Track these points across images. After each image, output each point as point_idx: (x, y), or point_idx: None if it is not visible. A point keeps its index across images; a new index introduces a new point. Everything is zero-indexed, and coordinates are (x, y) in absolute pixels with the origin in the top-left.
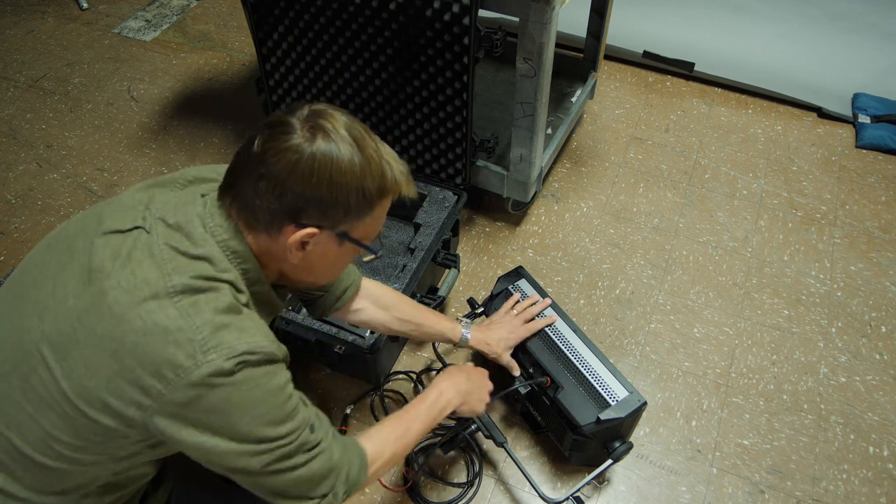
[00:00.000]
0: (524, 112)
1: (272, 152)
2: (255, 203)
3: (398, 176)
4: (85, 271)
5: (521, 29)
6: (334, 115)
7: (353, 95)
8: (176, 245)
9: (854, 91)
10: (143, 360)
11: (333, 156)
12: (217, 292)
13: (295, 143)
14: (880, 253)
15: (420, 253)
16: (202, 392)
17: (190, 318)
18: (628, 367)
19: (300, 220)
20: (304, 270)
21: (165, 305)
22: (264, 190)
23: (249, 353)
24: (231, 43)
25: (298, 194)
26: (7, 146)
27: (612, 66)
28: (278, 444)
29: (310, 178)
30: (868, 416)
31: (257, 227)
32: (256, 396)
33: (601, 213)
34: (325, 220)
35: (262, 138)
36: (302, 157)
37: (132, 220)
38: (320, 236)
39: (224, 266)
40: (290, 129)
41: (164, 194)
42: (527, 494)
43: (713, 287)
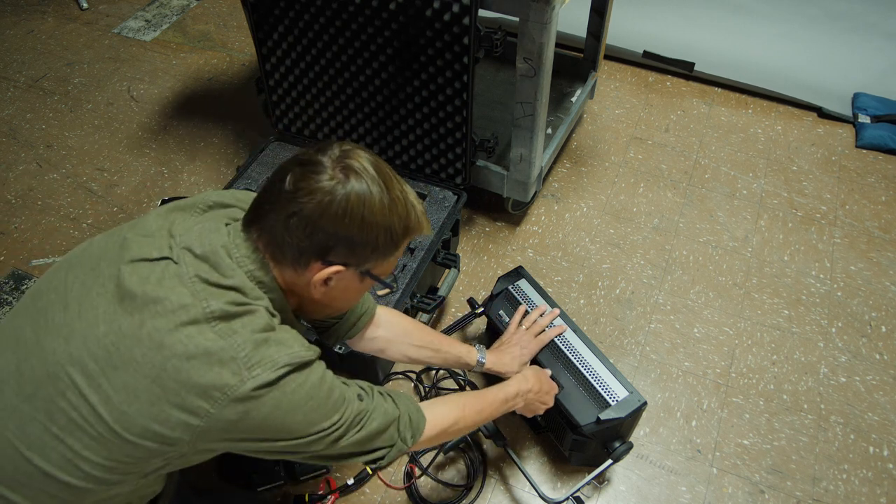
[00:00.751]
0: (524, 112)
1: (304, 192)
2: (285, 239)
3: (421, 217)
4: (116, 296)
5: (521, 29)
6: (363, 155)
7: (353, 95)
8: (206, 276)
9: (854, 91)
10: (188, 383)
11: (365, 197)
12: (252, 315)
13: (328, 185)
14: (880, 253)
15: (420, 253)
16: (251, 406)
17: (229, 339)
18: (628, 367)
19: (328, 257)
20: (324, 304)
21: (204, 330)
22: (295, 227)
23: (291, 362)
24: (231, 43)
25: (330, 234)
26: (7, 146)
27: (612, 65)
28: (332, 428)
29: (342, 218)
30: (868, 416)
31: (283, 262)
32: (302, 397)
33: (601, 212)
34: (352, 258)
35: (294, 176)
36: (335, 198)
37: (159, 250)
38: (345, 273)
39: (255, 294)
40: (322, 169)
41: (186, 220)
42: (527, 494)
43: (713, 287)
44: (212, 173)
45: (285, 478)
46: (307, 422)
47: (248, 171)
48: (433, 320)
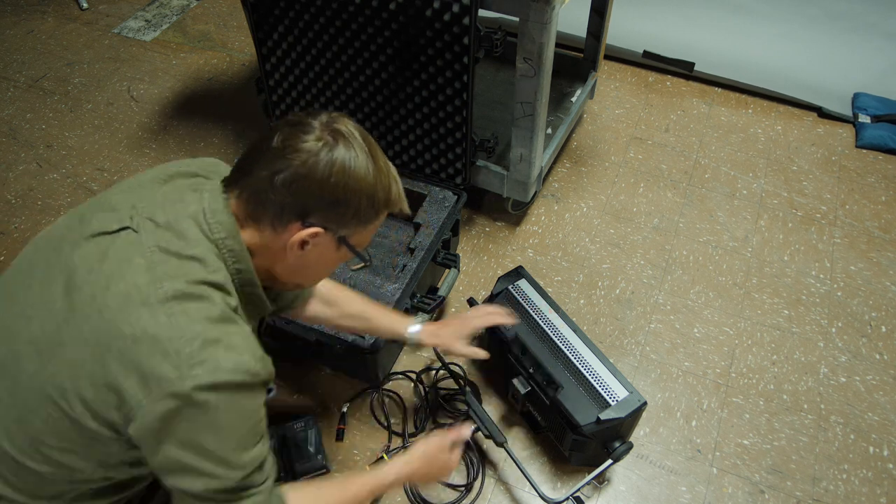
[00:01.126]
0: (524, 112)
1: (292, 149)
2: (268, 196)
3: (402, 192)
4: (71, 274)
5: (521, 29)
6: (351, 122)
7: (353, 95)
8: (167, 245)
9: (854, 91)
10: (129, 366)
11: (351, 161)
12: (208, 301)
13: (316, 146)
14: (880, 253)
15: (420, 253)
16: (181, 405)
17: (180, 329)
18: (628, 367)
19: (308, 218)
20: (297, 270)
21: (156, 312)
22: (279, 184)
23: (234, 371)
24: (231, 43)
25: (313, 193)
26: (7, 146)
27: (612, 65)
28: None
29: (327, 179)
30: (868, 416)
31: (262, 220)
32: (230, 419)
33: (601, 212)
34: (331, 222)
35: (283, 135)
36: (321, 158)
37: (119, 221)
38: (323, 237)
39: (215, 266)
40: (311, 130)
41: (149, 192)
42: (527, 494)
43: (713, 287)
44: None
45: (285, 478)
46: (221, 445)
47: None
48: (433, 320)
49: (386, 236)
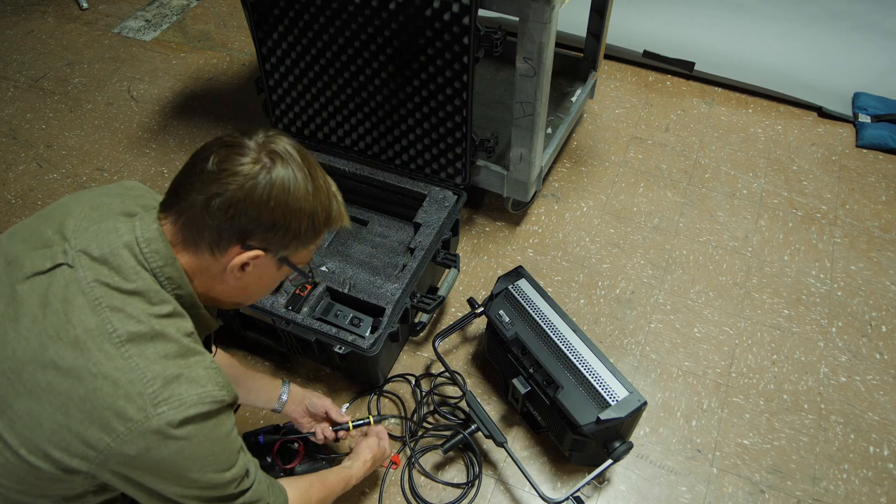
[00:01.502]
0: (524, 112)
1: (228, 173)
2: (205, 221)
3: (342, 208)
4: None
5: (521, 28)
6: (287, 140)
7: (352, 95)
8: (106, 281)
9: (854, 90)
10: (92, 413)
11: (290, 183)
12: (163, 339)
13: (254, 168)
14: (881, 252)
15: (420, 253)
16: (152, 444)
17: (140, 371)
18: (628, 367)
19: (248, 241)
20: (237, 292)
21: (113, 358)
22: (216, 209)
23: (199, 403)
24: (231, 43)
25: (252, 217)
26: (7, 146)
27: (612, 65)
28: (221, 490)
29: (266, 202)
30: (868, 416)
31: (200, 245)
32: (206, 448)
33: (601, 212)
34: (272, 243)
35: (218, 157)
36: (259, 182)
37: (52, 258)
38: (263, 259)
39: (159, 298)
40: (247, 152)
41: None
42: (527, 494)
43: (713, 286)
44: None
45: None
46: (203, 472)
47: None
48: (433, 320)
49: (386, 236)
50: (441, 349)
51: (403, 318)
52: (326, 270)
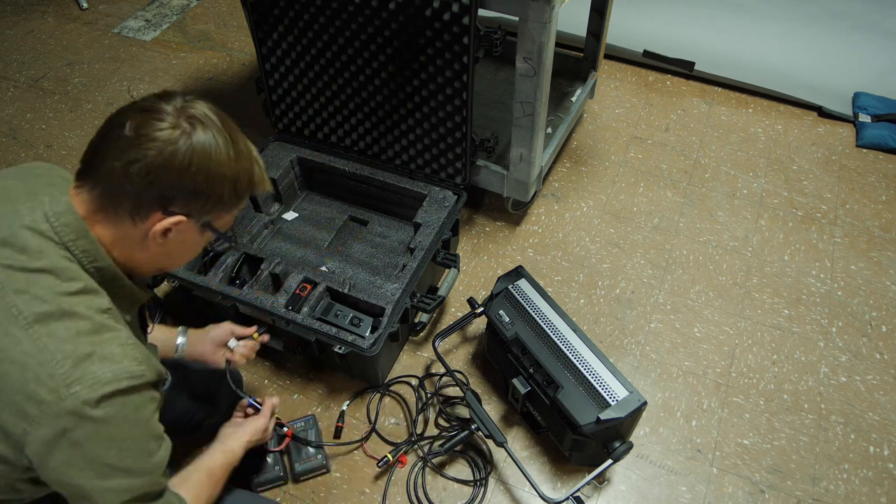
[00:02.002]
0: (524, 111)
1: (147, 139)
2: (124, 188)
3: (263, 172)
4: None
5: (521, 28)
6: (206, 105)
7: (352, 95)
8: (9, 263)
9: (855, 90)
10: (4, 400)
11: (212, 148)
12: (73, 316)
13: (174, 133)
14: (881, 252)
15: (420, 252)
16: (68, 425)
17: (48, 352)
18: (628, 367)
19: (169, 207)
20: (160, 257)
21: (20, 341)
22: (136, 175)
23: (115, 380)
24: (231, 43)
25: (173, 183)
26: (7, 146)
27: (612, 65)
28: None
29: (187, 168)
30: (868, 416)
31: (119, 213)
32: (125, 430)
33: (601, 212)
34: (194, 209)
35: (135, 122)
36: (179, 147)
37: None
38: (185, 224)
39: (71, 274)
40: (164, 116)
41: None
42: (527, 494)
43: (713, 286)
44: None
45: (284, 477)
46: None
47: None
48: (433, 320)
49: (386, 236)
50: (441, 349)
51: (403, 318)
52: (326, 270)
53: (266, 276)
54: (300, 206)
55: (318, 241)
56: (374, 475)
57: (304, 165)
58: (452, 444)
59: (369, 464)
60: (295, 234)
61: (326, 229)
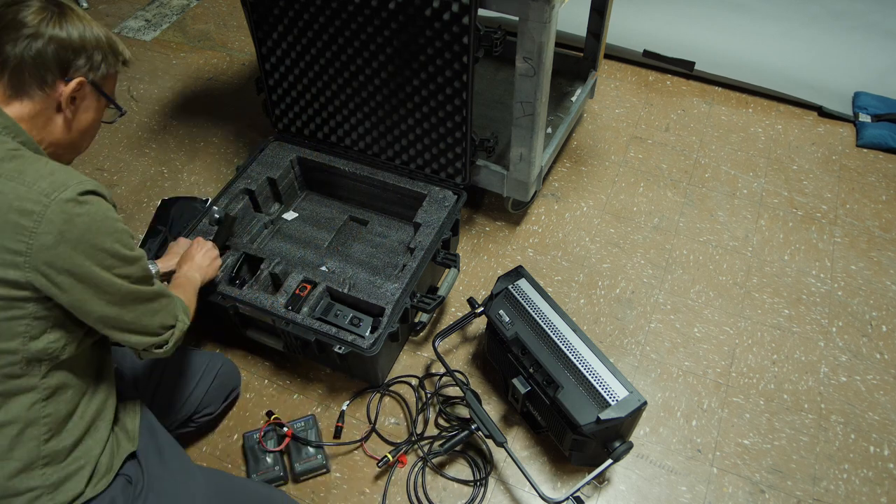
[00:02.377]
0: (524, 111)
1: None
2: (25, 61)
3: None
4: None
5: (521, 28)
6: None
7: (352, 95)
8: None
9: (855, 90)
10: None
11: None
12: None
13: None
14: (881, 252)
15: (420, 252)
16: (67, 214)
17: (20, 178)
18: (628, 367)
19: (68, 73)
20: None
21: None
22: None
23: (85, 182)
24: (231, 42)
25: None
26: None
27: (612, 65)
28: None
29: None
30: (869, 416)
31: (29, 90)
32: (110, 222)
33: (601, 212)
34: (88, 70)
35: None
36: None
37: None
38: (85, 88)
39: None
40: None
41: None
42: (527, 494)
43: (713, 286)
44: (211, 173)
45: (284, 477)
46: (115, 242)
47: (248, 171)
48: (433, 320)
49: (386, 236)
50: (441, 349)
51: (403, 318)
52: (326, 270)
53: (266, 276)
54: (300, 206)
55: (317, 241)
56: (374, 475)
57: (303, 165)
58: (452, 444)
59: (369, 464)
60: (295, 234)
61: (326, 229)
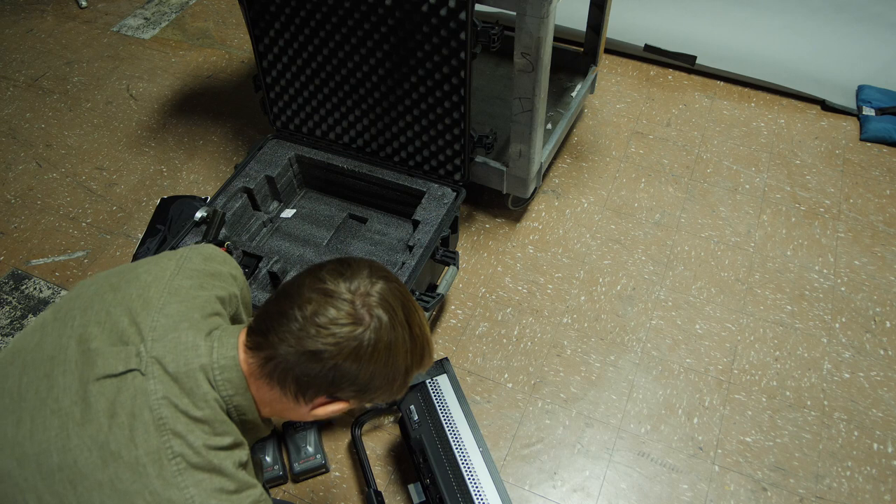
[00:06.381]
0: (523, 107)
1: (327, 333)
2: (297, 371)
3: (433, 352)
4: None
5: (519, 23)
6: (388, 290)
7: (350, 92)
8: (176, 402)
9: (858, 83)
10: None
11: (392, 344)
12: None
13: (355, 330)
14: (885, 247)
15: (419, 250)
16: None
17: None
18: (629, 364)
19: (336, 394)
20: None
21: (170, 486)
22: (311, 365)
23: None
24: (230, 40)
25: (347, 376)
26: (6, 145)
27: (612, 59)
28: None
29: (367, 365)
30: (872, 413)
31: (285, 389)
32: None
33: (602, 208)
34: (362, 395)
35: (313, 308)
36: (362, 344)
37: (125, 361)
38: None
39: (223, 429)
40: (342, 305)
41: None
42: (527, 493)
43: (715, 282)
44: (211, 171)
45: (283, 477)
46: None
47: (246, 169)
48: (432, 318)
49: (385, 234)
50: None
51: None
52: None
53: (264, 274)
54: (299, 204)
55: (316, 239)
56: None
57: (302, 163)
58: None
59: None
60: (293, 232)
61: (325, 227)
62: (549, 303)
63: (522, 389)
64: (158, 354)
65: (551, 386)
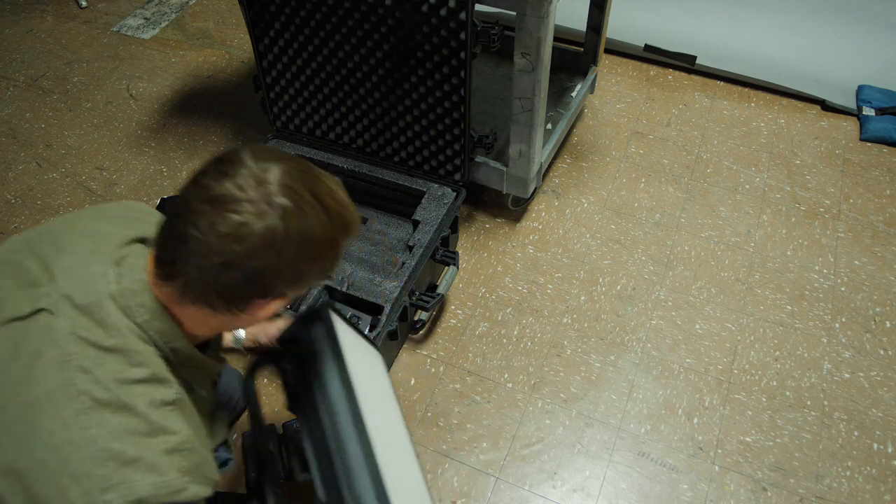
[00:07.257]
0: (522, 107)
1: (230, 240)
2: (216, 286)
3: (354, 215)
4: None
5: (519, 23)
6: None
7: (350, 92)
8: (85, 335)
9: (858, 83)
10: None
11: (305, 228)
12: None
13: (261, 227)
14: (885, 247)
15: (419, 250)
16: None
17: (94, 446)
18: (629, 364)
19: (269, 293)
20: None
21: (69, 426)
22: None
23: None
24: (230, 40)
25: (270, 274)
26: (6, 146)
27: (612, 59)
28: None
29: (285, 257)
30: (872, 413)
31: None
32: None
33: (602, 208)
34: (297, 283)
35: (207, 220)
36: (272, 237)
37: (33, 301)
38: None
39: (140, 359)
40: (243, 207)
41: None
42: (527, 493)
43: (715, 282)
44: None
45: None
46: None
47: None
48: (432, 318)
49: (385, 234)
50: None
51: (402, 317)
52: None
53: None
54: None
55: None
56: None
57: None
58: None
59: None
60: None
61: None
62: (549, 303)
63: (522, 389)
64: (68, 291)
65: (551, 386)
